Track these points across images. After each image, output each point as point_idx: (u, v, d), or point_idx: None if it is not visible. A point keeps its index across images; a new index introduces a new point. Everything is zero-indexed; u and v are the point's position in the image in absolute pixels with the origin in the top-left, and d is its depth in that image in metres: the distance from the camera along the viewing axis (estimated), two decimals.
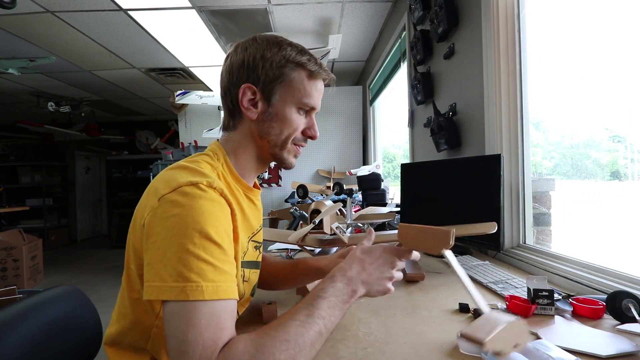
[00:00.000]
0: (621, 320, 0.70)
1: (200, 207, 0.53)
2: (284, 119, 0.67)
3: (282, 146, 0.69)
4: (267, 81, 0.66)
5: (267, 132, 0.68)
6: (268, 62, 0.65)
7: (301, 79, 0.67)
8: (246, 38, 0.69)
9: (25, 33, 2.87)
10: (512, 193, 1.27)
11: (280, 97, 0.67)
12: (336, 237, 1.08)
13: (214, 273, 0.51)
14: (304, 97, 0.68)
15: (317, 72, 0.68)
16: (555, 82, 1.29)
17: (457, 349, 0.62)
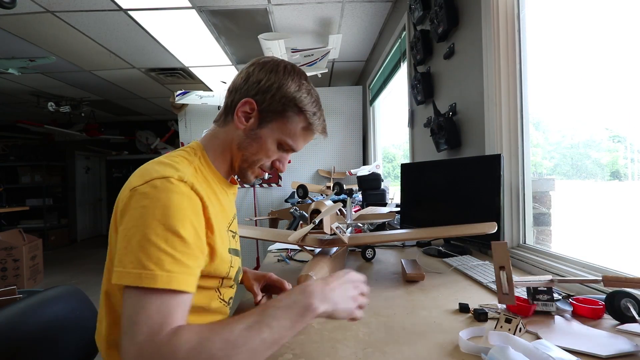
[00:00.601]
0: (621, 320, 0.70)
1: (168, 200, 0.56)
2: (264, 146, 0.72)
3: (250, 165, 0.75)
4: (269, 109, 0.70)
5: (245, 147, 0.73)
6: (279, 94, 0.70)
7: (297, 124, 0.72)
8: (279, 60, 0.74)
9: (25, 33, 2.87)
10: (512, 193, 1.27)
11: (270, 126, 0.72)
12: (336, 237, 1.08)
13: (172, 264, 0.53)
14: (290, 139, 0.73)
15: (314, 128, 0.73)
16: (555, 82, 1.29)
17: (457, 349, 0.62)
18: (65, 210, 6.83)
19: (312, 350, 0.64)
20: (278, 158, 0.76)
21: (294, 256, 1.41)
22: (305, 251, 1.14)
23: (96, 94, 4.80)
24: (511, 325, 0.66)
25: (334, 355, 0.62)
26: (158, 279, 0.51)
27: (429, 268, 1.18)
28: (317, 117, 0.73)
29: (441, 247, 1.39)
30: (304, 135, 0.74)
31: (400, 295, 0.92)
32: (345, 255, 1.31)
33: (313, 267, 0.92)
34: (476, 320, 0.74)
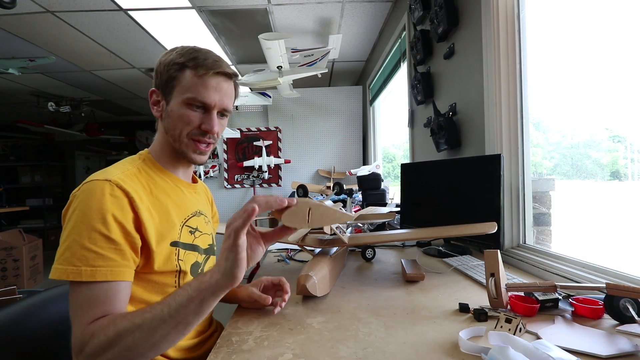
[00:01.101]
0: (620, 320, 0.70)
1: (90, 202, 0.63)
2: (177, 116, 0.75)
3: (179, 141, 0.77)
4: (162, 84, 0.76)
5: (168, 128, 0.78)
6: (161, 66, 0.76)
7: (188, 77, 0.74)
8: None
9: (25, 33, 2.87)
10: (512, 193, 1.27)
11: (174, 97, 0.76)
12: (336, 237, 1.08)
13: (96, 259, 0.60)
14: (189, 92, 0.74)
15: (201, 71, 0.74)
16: (555, 82, 1.29)
17: (457, 349, 0.62)
18: None
19: (312, 350, 0.64)
20: (201, 121, 0.76)
21: (294, 256, 1.41)
22: (305, 251, 1.14)
23: (96, 94, 4.80)
24: (511, 325, 0.66)
25: (334, 355, 0.62)
26: (82, 274, 0.59)
27: (429, 268, 1.18)
28: (193, 59, 0.74)
29: (441, 247, 1.39)
30: (201, 81, 0.74)
31: (400, 295, 0.92)
32: (345, 255, 1.31)
33: (313, 267, 0.92)
34: (476, 320, 0.74)
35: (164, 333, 0.56)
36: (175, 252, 0.73)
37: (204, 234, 0.85)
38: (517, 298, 0.79)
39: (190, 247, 0.78)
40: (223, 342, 0.68)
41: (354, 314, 0.80)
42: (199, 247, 0.81)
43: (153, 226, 0.69)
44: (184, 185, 0.84)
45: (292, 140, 3.94)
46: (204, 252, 0.84)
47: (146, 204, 0.69)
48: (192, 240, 0.79)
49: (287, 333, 0.71)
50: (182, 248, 0.75)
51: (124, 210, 0.65)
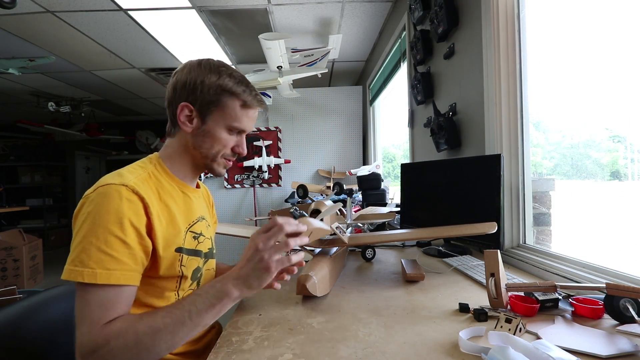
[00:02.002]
0: (620, 320, 0.70)
1: (108, 206, 0.63)
2: (215, 137, 0.79)
3: (212, 159, 0.81)
4: (204, 103, 0.76)
5: (200, 145, 0.79)
6: (206, 87, 0.76)
7: (234, 106, 0.78)
8: (194, 60, 0.80)
9: (25, 33, 2.87)
10: (512, 193, 1.27)
11: (213, 119, 0.78)
12: (336, 237, 1.08)
13: (111, 262, 0.61)
14: (235, 122, 0.79)
15: (250, 103, 0.79)
16: (555, 82, 1.29)
17: (457, 349, 0.62)
18: (65, 210, 6.83)
19: (312, 350, 0.64)
20: (235, 143, 0.82)
21: None
22: (306, 251, 1.14)
23: (96, 94, 4.80)
24: (511, 325, 0.66)
25: (334, 355, 0.62)
26: (98, 276, 0.59)
27: (429, 268, 1.18)
28: (248, 93, 0.78)
29: (441, 247, 1.39)
30: (245, 113, 0.79)
31: (400, 295, 0.92)
32: (345, 255, 1.31)
33: (313, 267, 0.92)
34: (476, 320, 0.74)
35: (183, 335, 0.60)
36: (179, 258, 0.75)
37: (206, 239, 0.86)
38: (517, 298, 0.79)
39: (193, 253, 0.79)
40: (223, 342, 0.68)
41: (354, 314, 0.80)
42: (201, 252, 0.82)
43: (161, 232, 0.70)
44: (189, 190, 0.84)
45: (292, 140, 3.94)
46: (204, 256, 0.85)
47: (156, 209, 0.70)
48: (195, 246, 0.80)
49: (287, 333, 0.71)
50: (185, 254, 0.76)
51: (139, 215, 0.66)
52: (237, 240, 3.85)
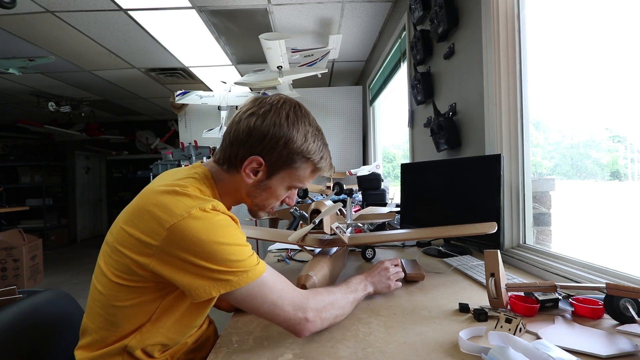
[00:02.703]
0: (620, 320, 0.70)
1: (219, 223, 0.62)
2: (274, 193, 0.76)
3: (261, 208, 0.80)
4: (278, 163, 0.72)
5: (255, 196, 0.76)
6: (287, 149, 0.70)
7: (305, 170, 0.75)
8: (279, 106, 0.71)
9: (25, 33, 2.87)
10: (512, 193, 1.27)
11: (280, 176, 0.74)
12: (336, 237, 1.08)
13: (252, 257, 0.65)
14: (300, 183, 0.76)
15: (321, 169, 0.78)
16: (555, 82, 1.29)
17: (457, 349, 0.62)
18: (65, 210, 6.83)
19: (312, 350, 0.64)
20: (287, 195, 0.80)
21: (294, 256, 1.41)
22: (305, 251, 1.14)
23: (96, 94, 4.80)
24: (511, 325, 0.66)
25: (334, 355, 0.62)
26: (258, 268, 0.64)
27: (429, 268, 1.18)
28: (324, 159, 0.77)
29: (441, 247, 1.39)
30: (312, 176, 0.78)
31: (400, 295, 0.92)
32: (345, 255, 1.31)
33: (313, 267, 0.92)
34: (476, 320, 0.74)
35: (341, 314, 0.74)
36: None
37: None
38: (517, 298, 0.79)
39: None
40: (223, 342, 0.68)
41: (354, 314, 0.80)
42: None
43: None
44: None
45: None
46: None
47: None
48: None
49: (287, 333, 0.71)
50: None
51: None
52: None
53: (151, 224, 0.60)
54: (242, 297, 0.62)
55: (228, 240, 0.61)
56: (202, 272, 0.59)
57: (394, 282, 0.90)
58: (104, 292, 0.66)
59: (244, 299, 0.63)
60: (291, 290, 0.66)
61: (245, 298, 0.63)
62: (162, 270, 0.60)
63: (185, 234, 0.59)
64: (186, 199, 0.62)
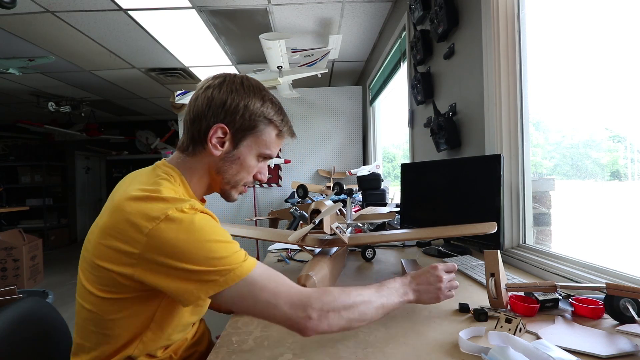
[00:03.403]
0: (620, 320, 0.70)
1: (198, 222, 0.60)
2: (244, 164, 0.75)
3: (233, 185, 0.77)
4: (241, 128, 0.72)
5: (225, 170, 0.74)
6: (248, 112, 0.71)
7: (270, 134, 0.75)
8: (233, 76, 0.74)
9: (25, 33, 2.87)
10: (512, 193, 1.27)
11: (246, 144, 0.74)
12: (336, 237, 1.08)
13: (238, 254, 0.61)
14: (267, 149, 0.76)
15: (285, 133, 0.78)
16: (555, 82, 1.29)
17: (457, 348, 0.62)
18: (65, 210, 6.83)
19: (312, 350, 0.64)
20: (258, 170, 0.79)
21: (294, 256, 1.41)
22: (305, 251, 1.14)
23: (96, 94, 4.80)
24: (511, 325, 0.66)
25: (334, 355, 0.62)
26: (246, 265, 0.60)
27: None
28: (285, 122, 0.77)
29: (441, 247, 1.39)
30: (277, 141, 0.78)
31: None
32: (345, 255, 1.31)
33: (313, 267, 0.92)
34: (476, 320, 0.74)
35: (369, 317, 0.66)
36: None
37: None
38: (517, 298, 0.79)
39: None
40: (223, 342, 0.68)
41: None
42: None
43: None
44: None
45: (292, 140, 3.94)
46: None
47: None
48: None
49: (287, 333, 0.71)
50: None
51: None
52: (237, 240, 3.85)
53: (130, 233, 0.58)
54: (232, 298, 0.59)
55: (209, 238, 0.59)
56: (186, 275, 0.57)
57: (445, 293, 0.75)
58: (94, 310, 0.64)
59: (234, 300, 0.59)
60: (288, 288, 0.61)
61: (235, 299, 0.59)
62: (147, 278, 0.58)
63: (165, 238, 0.57)
64: (162, 203, 0.60)
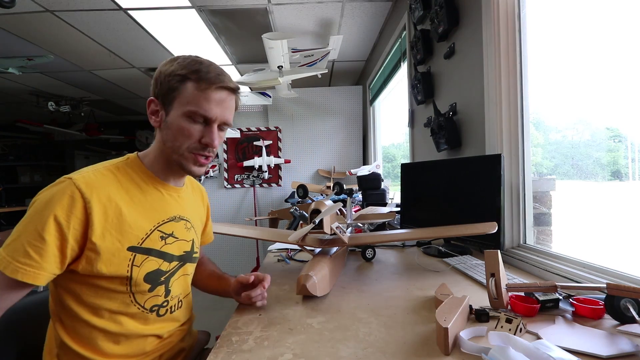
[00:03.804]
0: (621, 320, 0.70)
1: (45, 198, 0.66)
2: (177, 128, 0.75)
3: (178, 153, 0.76)
4: (162, 94, 0.75)
5: (166, 139, 0.77)
6: (162, 76, 0.75)
7: (189, 90, 0.73)
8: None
9: (25, 33, 2.87)
10: (512, 193, 1.27)
11: (174, 108, 0.75)
12: (336, 237, 1.08)
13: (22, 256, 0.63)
14: (191, 106, 0.73)
15: (205, 81, 0.73)
16: (556, 82, 1.29)
17: (458, 348, 0.62)
18: None
19: (312, 350, 0.64)
20: (202, 134, 0.76)
21: (294, 256, 1.41)
22: (305, 251, 1.14)
23: (96, 93, 4.79)
24: (511, 325, 0.66)
25: (334, 355, 0.62)
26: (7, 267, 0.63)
27: (429, 268, 1.17)
28: (198, 72, 0.73)
29: (441, 247, 1.39)
30: (204, 96, 0.73)
31: (400, 295, 0.92)
32: (345, 255, 1.31)
33: (313, 267, 0.92)
34: (477, 320, 0.74)
35: None
36: (130, 257, 0.72)
37: (179, 240, 0.82)
38: (518, 298, 0.79)
39: (154, 253, 0.76)
40: (223, 342, 0.68)
41: (354, 314, 0.80)
42: (167, 254, 0.79)
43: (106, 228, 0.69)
44: (166, 188, 0.82)
45: (292, 140, 3.94)
46: (177, 259, 0.82)
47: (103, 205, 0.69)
48: (159, 247, 0.77)
49: (287, 333, 0.70)
50: (140, 253, 0.73)
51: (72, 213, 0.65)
52: (237, 240, 3.85)
53: None
54: None
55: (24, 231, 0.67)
56: None
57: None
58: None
59: None
60: None
61: None
62: None
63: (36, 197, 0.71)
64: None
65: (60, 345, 0.72)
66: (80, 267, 0.68)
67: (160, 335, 0.80)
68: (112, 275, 0.70)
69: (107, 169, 0.74)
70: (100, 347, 0.72)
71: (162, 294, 0.79)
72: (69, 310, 0.71)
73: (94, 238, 0.67)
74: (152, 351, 0.79)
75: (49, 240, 0.63)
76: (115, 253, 0.70)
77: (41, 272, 0.63)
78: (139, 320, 0.76)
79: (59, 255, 0.65)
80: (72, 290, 0.71)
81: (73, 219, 0.65)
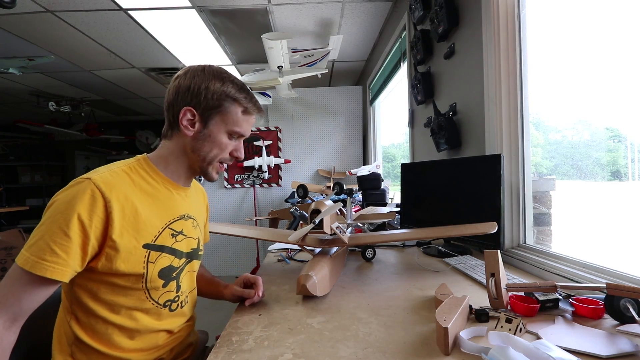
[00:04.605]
0: (621, 320, 0.70)
1: (66, 198, 0.67)
2: (215, 141, 0.82)
3: (209, 162, 0.84)
4: (207, 108, 0.79)
5: (199, 149, 0.82)
6: (210, 92, 0.79)
7: (236, 112, 0.82)
8: (196, 66, 0.83)
9: (25, 33, 2.87)
10: (512, 193, 1.27)
11: (215, 123, 0.81)
12: (336, 237, 1.08)
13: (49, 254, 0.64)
14: (235, 127, 0.83)
15: (250, 110, 0.84)
16: (555, 82, 1.29)
17: (458, 348, 0.62)
18: None
19: (312, 350, 0.64)
20: (233, 148, 0.85)
21: (294, 256, 1.41)
22: (305, 251, 1.14)
23: (96, 93, 4.79)
24: (511, 325, 0.66)
25: (334, 355, 0.62)
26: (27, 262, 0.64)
27: (429, 268, 1.17)
28: (249, 99, 0.83)
29: (441, 247, 1.39)
30: (246, 119, 0.84)
31: (400, 295, 0.92)
32: (345, 255, 1.31)
33: (313, 267, 0.92)
34: (476, 320, 0.74)
35: None
36: (145, 255, 0.74)
37: (188, 238, 0.85)
38: (518, 298, 0.79)
39: (167, 250, 0.79)
40: (223, 342, 0.68)
41: (354, 314, 0.80)
42: (177, 251, 0.82)
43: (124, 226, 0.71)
44: (175, 188, 0.85)
45: (292, 140, 3.94)
46: (185, 255, 0.85)
47: (120, 204, 0.71)
48: (171, 244, 0.80)
49: (287, 333, 0.71)
50: (154, 250, 0.76)
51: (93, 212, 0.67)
52: (237, 240, 3.85)
53: None
54: None
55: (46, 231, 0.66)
56: None
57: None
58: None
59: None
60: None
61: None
62: None
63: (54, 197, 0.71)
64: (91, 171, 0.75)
65: (74, 341, 0.74)
66: (99, 265, 0.70)
67: (171, 330, 0.83)
68: (130, 273, 0.73)
69: (120, 169, 0.76)
70: (115, 342, 0.74)
71: (174, 289, 0.82)
72: (86, 307, 0.73)
73: (114, 236, 0.69)
74: (164, 345, 0.82)
75: (74, 238, 0.65)
76: (132, 251, 0.72)
77: (67, 269, 0.65)
78: (153, 316, 0.79)
79: (80, 253, 0.67)
80: (89, 288, 0.73)
81: (95, 218, 0.67)
